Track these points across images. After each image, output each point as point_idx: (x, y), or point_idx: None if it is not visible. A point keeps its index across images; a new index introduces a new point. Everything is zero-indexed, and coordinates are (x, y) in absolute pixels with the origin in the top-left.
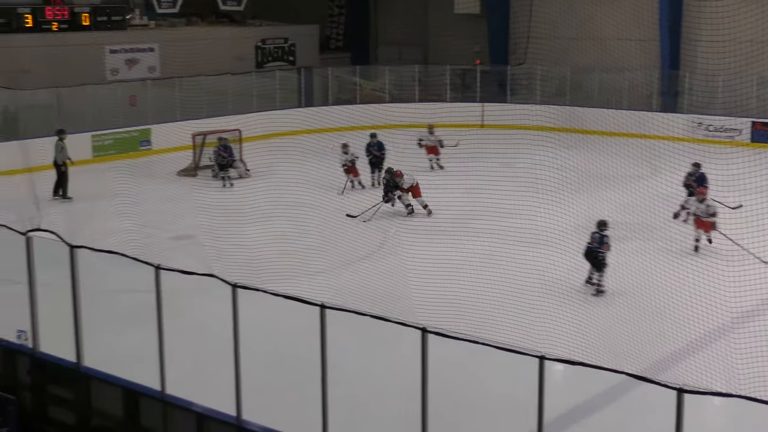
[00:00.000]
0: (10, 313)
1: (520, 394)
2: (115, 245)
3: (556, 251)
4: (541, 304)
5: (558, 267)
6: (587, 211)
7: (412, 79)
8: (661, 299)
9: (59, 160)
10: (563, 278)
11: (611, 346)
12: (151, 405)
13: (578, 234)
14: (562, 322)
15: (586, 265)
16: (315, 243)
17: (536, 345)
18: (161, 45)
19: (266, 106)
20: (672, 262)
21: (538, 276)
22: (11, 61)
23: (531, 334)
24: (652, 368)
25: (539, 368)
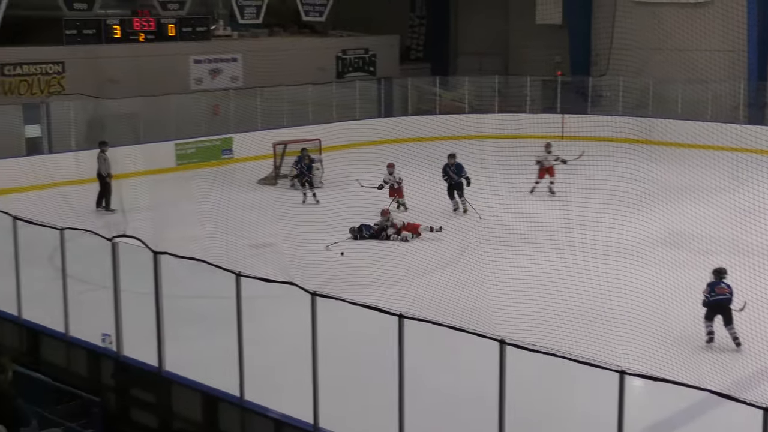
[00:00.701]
0: (95, 317)
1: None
2: (197, 252)
3: (637, 264)
4: (622, 318)
5: (639, 280)
6: (669, 223)
7: (492, 90)
8: (747, 315)
9: (103, 171)
10: (644, 291)
11: (693, 361)
12: (229, 410)
13: (659, 247)
14: (642, 337)
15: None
16: (392, 252)
17: (616, 359)
18: (244, 55)
19: (346, 116)
20: (758, 276)
21: (618, 289)
22: (100, 71)
23: (611, 348)
24: (736, 386)
25: (619, 383)
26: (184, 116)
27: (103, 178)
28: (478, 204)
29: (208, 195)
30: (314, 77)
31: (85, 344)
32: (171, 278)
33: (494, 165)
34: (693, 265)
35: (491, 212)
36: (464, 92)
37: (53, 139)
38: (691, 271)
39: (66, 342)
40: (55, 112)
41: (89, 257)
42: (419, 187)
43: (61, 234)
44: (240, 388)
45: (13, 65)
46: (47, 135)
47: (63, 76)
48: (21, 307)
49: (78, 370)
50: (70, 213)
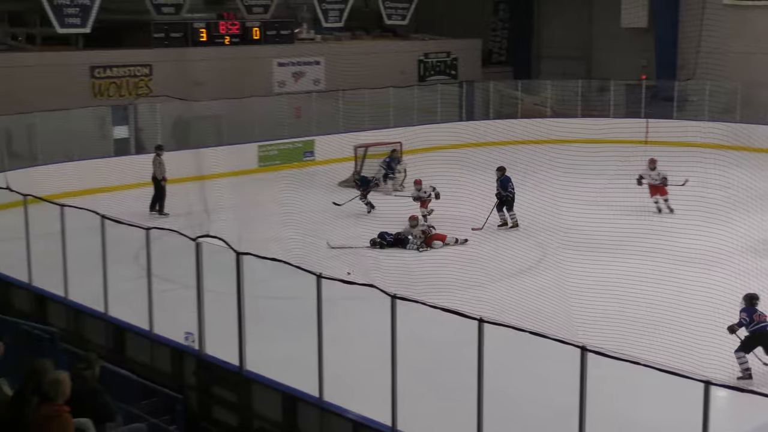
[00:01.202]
0: (179, 315)
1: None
2: (278, 253)
3: (723, 273)
4: (706, 327)
5: (725, 289)
6: (758, 232)
7: (575, 94)
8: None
9: (158, 175)
10: (730, 300)
11: None
12: (308, 410)
13: (748, 256)
14: (728, 347)
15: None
16: (472, 256)
17: (700, 369)
18: (327, 58)
19: (427, 120)
20: None
21: (703, 297)
22: (186, 73)
23: (695, 357)
24: None
25: (704, 394)
26: (267, 118)
27: (158, 182)
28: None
29: (289, 197)
30: (396, 80)
31: (168, 342)
32: (253, 278)
33: (576, 170)
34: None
35: (573, 218)
36: (546, 96)
37: (140, 140)
38: None
39: (150, 339)
40: (142, 114)
41: (173, 257)
42: (475, 193)
43: (147, 233)
44: (319, 388)
45: (103, 68)
46: (134, 136)
47: (150, 78)
48: (108, 304)
49: (161, 367)
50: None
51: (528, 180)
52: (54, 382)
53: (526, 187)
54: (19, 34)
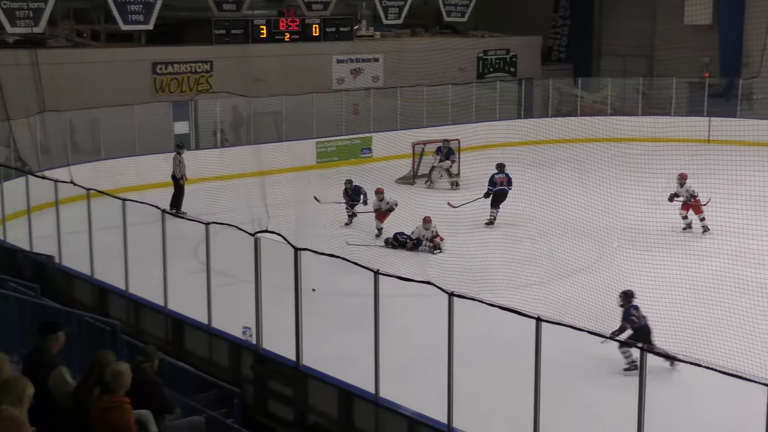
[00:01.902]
0: (237, 310)
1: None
2: (336, 249)
3: None
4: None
5: None
6: None
7: (636, 92)
8: None
9: (177, 174)
10: None
11: None
12: (364, 407)
13: None
14: None
15: None
16: (530, 255)
17: (763, 372)
18: (386, 55)
19: (485, 117)
20: None
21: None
22: (246, 70)
23: (759, 360)
24: None
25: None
26: (326, 115)
27: (177, 180)
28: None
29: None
30: (454, 77)
31: (226, 336)
32: (310, 274)
33: (636, 168)
34: None
35: (632, 217)
36: (606, 94)
37: (200, 136)
38: None
39: (208, 333)
40: (202, 110)
41: (232, 251)
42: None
43: (206, 228)
44: (375, 385)
45: (165, 64)
46: (194, 132)
47: (211, 74)
48: (167, 298)
49: (219, 360)
50: (214, 208)
51: (586, 178)
52: (115, 373)
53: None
54: (83, 30)
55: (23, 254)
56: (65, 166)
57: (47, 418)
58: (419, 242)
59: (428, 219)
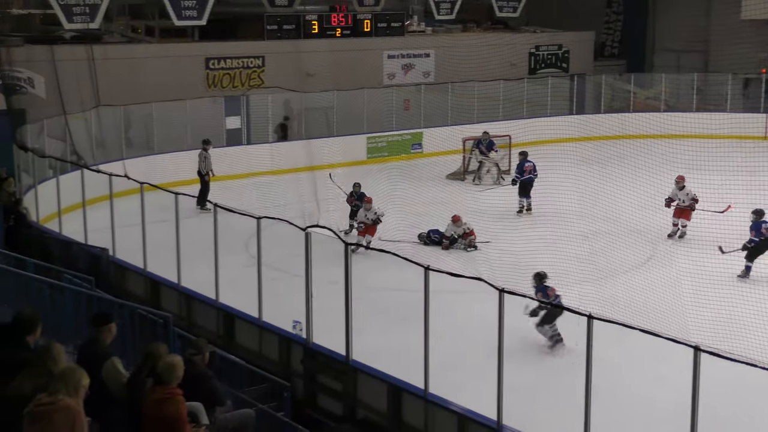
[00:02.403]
0: (287, 304)
1: None
2: (387, 245)
3: None
4: None
5: None
6: None
7: (690, 88)
8: None
9: (203, 170)
10: None
11: None
12: (414, 402)
13: None
14: None
15: None
16: (581, 252)
17: None
18: (437, 51)
19: (536, 113)
20: None
21: None
22: (297, 65)
23: None
24: None
25: None
26: (376, 110)
27: (203, 177)
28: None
29: (397, 189)
30: (506, 73)
31: (276, 330)
32: (361, 269)
33: (691, 166)
34: None
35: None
36: (660, 90)
37: (251, 131)
38: None
39: (259, 327)
40: (254, 105)
41: (283, 246)
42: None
43: (258, 222)
44: (425, 380)
45: (217, 59)
46: (246, 126)
47: (263, 69)
48: (218, 291)
49: (269, 354)
50: (265, 202)
51: (639, 175)
52: (169, 365)
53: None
54: (138, 26)
55: (78, 247)
56: (119, 160)
57: (101, 409)
58: (454, 240)
59: (457, 218)
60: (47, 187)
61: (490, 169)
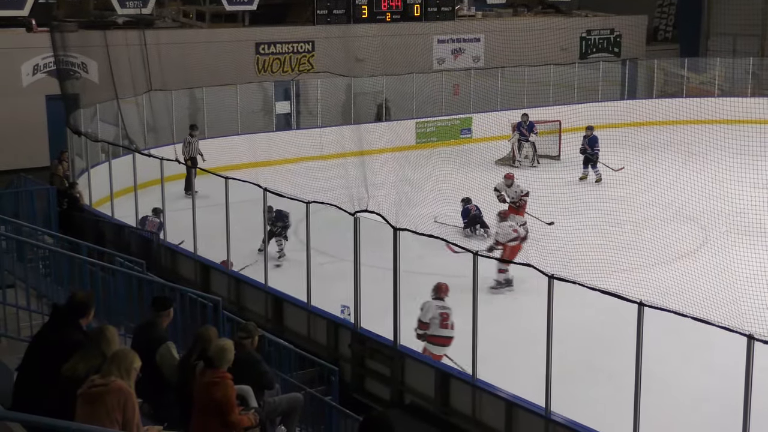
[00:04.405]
0: (335, 288)
1: None
2: (435, 230)
3: None
4: None
5: None
6: None
7: (746, 72)
8: None
9: (186, 154)
10: None
11: None
12: (462, 388)
13: None
14: None
15: None
16: (631, 238)
17: None
18: (487, 35)
19: (587, 98)
20: None
21: None
22: (347, 50)
23: None
24: None
25: None
26: (426, 95)
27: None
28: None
29: (447, 174)
30: (557, 57)
31: (324, 314)
32: (409, 254)
33: (745, 151)
34: None
35: (740, 202)
36: (714, 75)
37: (301, 116)
38: None
39: (307, 311)
40: (304, 90)
41: (332, 230)
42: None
43: (307, 207)
44: (472, 366)
45: (267, 44)
46: (295, 111)
47: (312, 54)
48: (267, 275)
49: (318, 338)
50: (315, 187)
51: (692, 161)
52: (219, 349)
53: (690, 168)
54: (189, 11)
55: (130, 230)
56: (170, 145)
57: (153, 392)
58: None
59: (510, 175)
60: (100, 171)
61: (528, 152)
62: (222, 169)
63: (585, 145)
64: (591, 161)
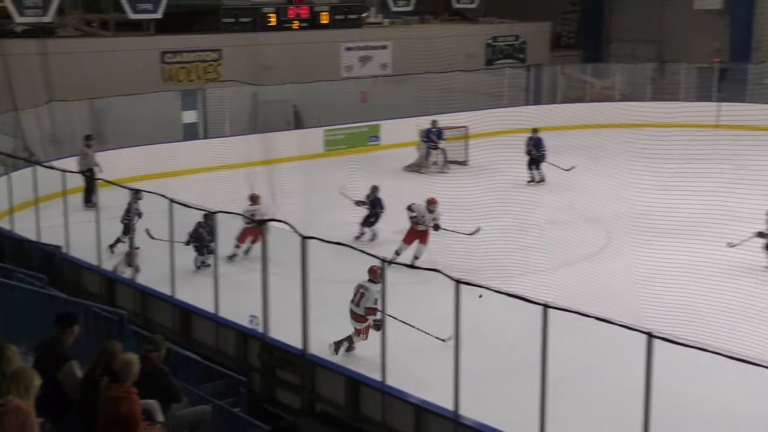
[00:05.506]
0: (244, 298)
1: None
2: (344, 238)
3: None
4: None
5: None
6: None
7: (645, 78)
8: None
9: (82, 166)
10: None
11: None
12: (371, 394)
13: None
14: None
15: None
16: (537, 241)
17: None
18: (394, 42)
19: (494, 104)
20: None
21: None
22: (254, 58)
23: (765, 344)
24: None
25: None
26: (334, 103)
27: (84, 173)
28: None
29: (355, 181)
30: (463, 64)
31: (233, 325)
32: (318, 263)
33: (645, 154)
34: None
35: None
36: (616, 80)
37: (208, 125)
38: None
39: (216, 322)
40: (211, 99)
41: None
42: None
43: (214, 217)
44: (382, 373)
45: (173, 53)
46: (203, 121)
47: (219, 63)
48: (174, 287)
49: (227, 349)
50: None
51: (595, 165)
52: (124, 363)
53: (593, 171)
54: (92, 20)
55: (31, 245)
56: (73, 156)
57: (56, 408)
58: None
59: (434, 201)
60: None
61: (437, 159)
62: (128, 180)
63: (530, 147)
64: (537, 162)
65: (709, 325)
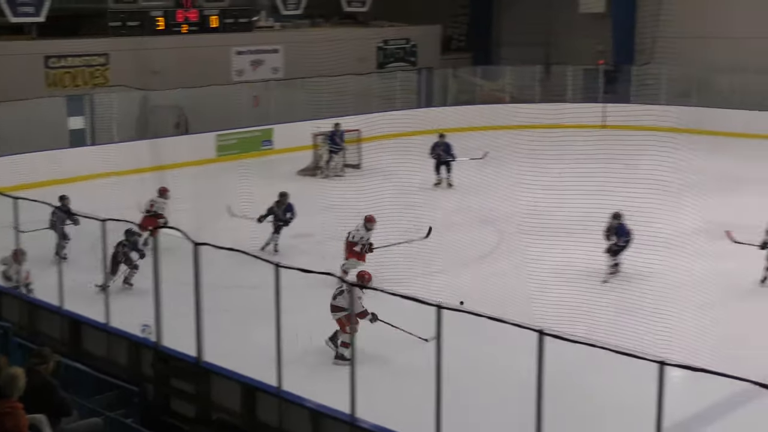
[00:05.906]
0: (135, 307)
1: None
2: (237, 243)
3: (677, 255)
4: (660, 309)
5: (678, 271)
6: (711, 214)
7: (533, 80)
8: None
9: None
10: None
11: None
12: (267, 400)
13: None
14: (681, 328)
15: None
16: (431, 244)
17: (656, 350)
18: (285, 46)
19: (386, 107)
20: None
21: (658, 280)
22: (143, 62)
23: (650, 339)
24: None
25: (659, 374)
26: (226, 107)
27: None
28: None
29: (248, 186)
30: (355, 68)
31: (125, 335)
32: (212, 269)
33: (534, 155)
34: (734, 256)
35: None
36: (505, 82)
37: (96, 131)
38: (732, 262)
39: (107, 332)
40: (99, 104)
41: None
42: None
43: (103, 225)
44: (278, 378)
45: (58, 57)
46: (90, 127)
47: (107, 67)
48: (63, 298)
49: (118, 360)
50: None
51: (486, 166)
52: (9, 378)
53: (485, 173)
54: None
55: None
56: None
57: None
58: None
59: (371, 218)
60: None
61: (337, 162)
62: (11, 188)
63: (440, 151)
64: (447, 165)
65: (597, 320)
